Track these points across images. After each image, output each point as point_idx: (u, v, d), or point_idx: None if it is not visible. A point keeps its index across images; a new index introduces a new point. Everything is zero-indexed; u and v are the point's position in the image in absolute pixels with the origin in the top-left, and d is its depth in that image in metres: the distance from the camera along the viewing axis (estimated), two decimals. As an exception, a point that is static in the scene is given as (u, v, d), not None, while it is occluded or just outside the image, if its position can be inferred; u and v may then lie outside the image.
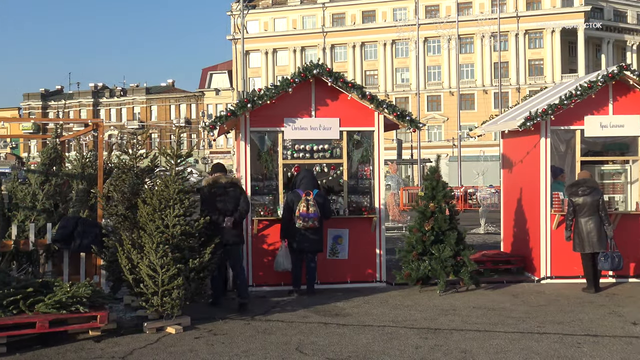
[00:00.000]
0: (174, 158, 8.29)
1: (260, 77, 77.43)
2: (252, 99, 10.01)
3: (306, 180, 9.76)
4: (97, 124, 10.64)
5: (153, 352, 6.83)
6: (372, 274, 10.58)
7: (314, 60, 10.55)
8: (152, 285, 7.50)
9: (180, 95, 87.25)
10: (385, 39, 74.24)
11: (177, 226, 7.81)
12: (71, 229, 8.97)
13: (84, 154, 11.78)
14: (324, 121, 10.46)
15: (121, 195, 8.98)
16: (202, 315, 8.30)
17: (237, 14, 74.01)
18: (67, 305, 7.08)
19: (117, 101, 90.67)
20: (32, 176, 11.34)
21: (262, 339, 7.34)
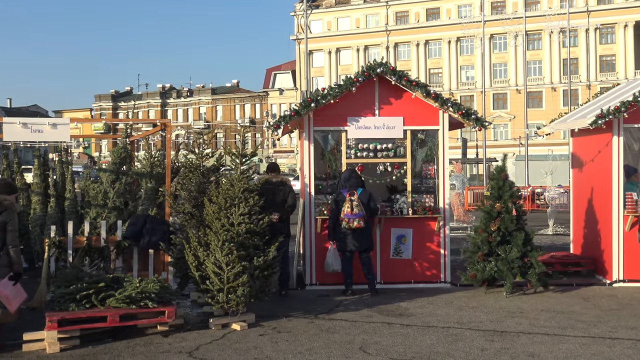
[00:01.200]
0: (238, 157, 8.40)
1: (324, 76, 77.68)
2: (316, 99, 10.05)
3: (350, 180, 9.73)
4: (165, 124, 10.89)
5: (218, 347, 6.94)
6: (437, 275, 10.46)
7: (377, 59, 10.50)
8: (218, 282, 7.63)
9: (244, 96, 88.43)
10: (450, 36, 73.29)
11: (242, 224, 7.91)
12: (140, 227, 9.22)
13: (153, 154, 12.08)
14: (387, 120, 10.40)
15: (188, 194, 9.17)
16: (266, 313, 8.38)
17: (300, 14, 74.50)
18: (136, 300, 7.28)
19: (183, 101, 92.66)
20: (103, 175, 11.71)
21: (326, 337, 7.36)
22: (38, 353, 6.74)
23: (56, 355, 6.68)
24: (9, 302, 6.72)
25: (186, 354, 6.70)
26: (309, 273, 10.30)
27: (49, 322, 6.84)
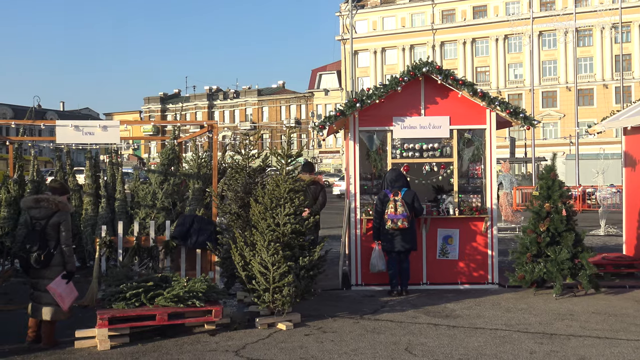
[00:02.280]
0: (284, 158, 8.44)
1: (369, 76, 77.48)
2: (361, 99, 10.04)
3: (394, 180, 9.68)
4: (212, 125, 11.03)
5: (265, 347, 6.99)
6: (484, 276, 10.32)
7: (423, 58, 10.43)
8: (264, 282, 7.68)
9: (290, 96, 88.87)
10: (497, 34, 72.20)
11: (287, 225, 7.95)
12: (188, 227, 9.36)
13: (200, 155, 12.25)
14: (433, 119, 10.32)
15: (234, 194, 9.26)
16: (311, 313, 8.41)
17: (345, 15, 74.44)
18: (184, 299, 7.39)
19: (230, 103, 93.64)
20: (152, 176, 11.93)
21: (371, 338, 7.34)
22: (89, 350, 6.90)
23: (107, 352, 6.83)
24: (62, 300, 6.90)
25: (233, 353, 6.77)
26: (354, 273, 10.29)
27: (100, 320, 7.00)
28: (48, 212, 7.01)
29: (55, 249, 6.99)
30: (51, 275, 6.93)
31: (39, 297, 6.97)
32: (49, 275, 6.94)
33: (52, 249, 6.97)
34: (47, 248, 6.94)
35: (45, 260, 6.93)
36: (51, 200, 7.09)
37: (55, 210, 7.03)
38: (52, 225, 6.99)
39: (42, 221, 7.00)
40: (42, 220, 7.00)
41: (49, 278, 6.91)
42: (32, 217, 7.08)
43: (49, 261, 6.95)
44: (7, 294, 9.85)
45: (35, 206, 7.06)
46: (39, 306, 6.96)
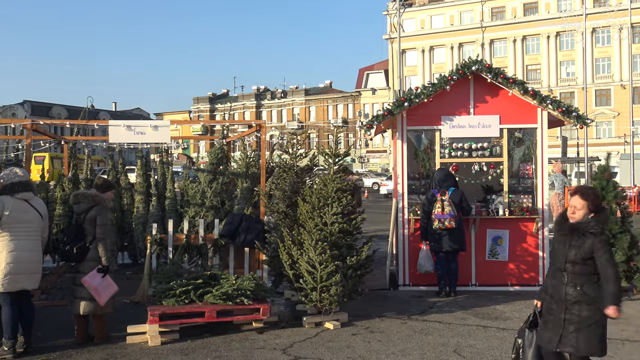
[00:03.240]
0: (332, 157, 8.44)
1: (417, 75, 76.88)
2: (409, 98, 9.97)
3: (442, 180, 9.57)
4: (260, 125, 11.11)
5: (312, 346, 7.01)
6: (535, 278, 10.13)
7: (472, 57, 10.30)
8: (311, 281, 7.70)
9: (337, 96, 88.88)
10: (549, 31, 70.72)
11: (335, 224, 7.95)
12: (236, 225, 9.44)
13: (248, 154, 12.36)
14: (483, 119, 10.17)
15: (282, 193, 9.30)
16: (359, 312, 8.39)
17: (393, 13, 74.05)
18: (232, 297, 7.47)
19: (277, 103, 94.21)
20: (201, 175, 12.08)
21: (419, 339, 7.28)
22: (141, 345, 7.03)
23: (157, 348, 6.95)
24: (97, 294, 6.96)
25: (280, 351, 6.81)
26: (402, 273, 10.22)
27: (151, 316, 7.12)
28: (86, 207, 7.13)
29: (92, 243, 7.07)
30: (86, 269, 7.01)
31: (75, 291, 7.10)
32: (84, 269, 7.03)
33: (87, 243, 7.06)
34: (82, 242, 7.05)
35: (79, 254, 7.04)
36: (88, 194, 7.22)
37: (93, 205, 7.12)
38: (89, 220, 7.08)
39: (81, 215, 7.14)
40: (81, 214, 7.14)
41: (84, 272, 7.02)
42: (74, 212, 7.28)
43: (84, 255, 7.05)
44: (62, 289, 10.11)
45: (75, 201, 7.23)
46: (75, 300, 7.09)
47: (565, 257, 4.90)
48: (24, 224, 6.69)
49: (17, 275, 6.55)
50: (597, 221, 4.88)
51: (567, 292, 4.87)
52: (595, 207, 4.93)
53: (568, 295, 4.87)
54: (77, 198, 7.23)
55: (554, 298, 4.95)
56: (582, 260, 4.85)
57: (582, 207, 4.91)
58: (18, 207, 6.67)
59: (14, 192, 6.70)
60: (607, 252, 4.83)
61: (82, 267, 7.08)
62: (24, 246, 6.65)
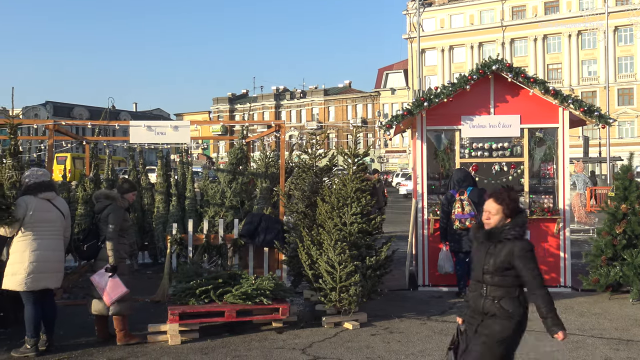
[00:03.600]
0: (351, 157, 8.44)
1: (436, 75, 76.57)
2: (429, 98, 9.93)
3: (461, 180, 9.51)
4: (279, 125, 11.13)
5: (331, 346, 7.01)
6: (556, 278, 10.04)
7: (492, 56, 10.23)
8: (331, 281, 7.70)
9: (356, 96, 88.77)
10: (570, 30, 70.04)
11: (354, 224, 7.94)
12: (256, 225, 9.47)
13: (267, 154, 12.38)
14: (503, 118, 10.10)
15: (301, 194, 9.32)
16: (378, 313, 8.37)
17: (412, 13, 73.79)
18: (252, 296, 7.49)
19: (297, 103, 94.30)
20: (221, 175, 12.14)
21: (439, 339, 7.25)
22: (161, 344, 7.08)
23: (178, 347, 6.99)
24: (105, 294, 6.96)
25: (299, 351, 6.81)
26: (421, 274, 10.19)
27: (171, 315, 7.16)
28: (101, 206, 7.19)
29: (103, 242, 7.07)
30: (97, 268, 7.04)
31: (90, 290, 7.15)
32: (96, 268, 7.09)
33: (99, 242, 7.10)
34: (94, 240, 7.10)
35: (89, 252, 7.12)
36: (103, 194, 7.27)
37: (107, 204, 7.18)
38: (103, 219, 7.13)
39: (98, 215, 7.21)
40: (98, 214, 7.21)
41: (94, 271, 7.08)
42: (94, 212, 7.36)
43: (95, 254, 7.12)
44: (84, 288, 10.19)
45: (94, 201, 7.33)
46: (89, 299, 7.15)
47: (482, 268, 4.47)
48: (46, 224, 6.76)
49: (40, 274, 6.63)
50: (514, 225, 4.45)
51: (484, 305, 4.43)
52: (511, 211, 4.48)
53: (485, 308, 4.42)
54: (95, 197, 7.34)
55: (473, 311, 4.52)
56: (499, 270, 4.39)
57: (497, 212, 4.48)
58: (41, 207, 6.75)
59: (37, 192, 6.78)
60: (529, 261, 4.37)
61: (95, 266, 7.16)
62: (47, 245, 6.72)
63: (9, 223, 6.58)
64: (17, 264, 6.59)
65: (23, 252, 6.60)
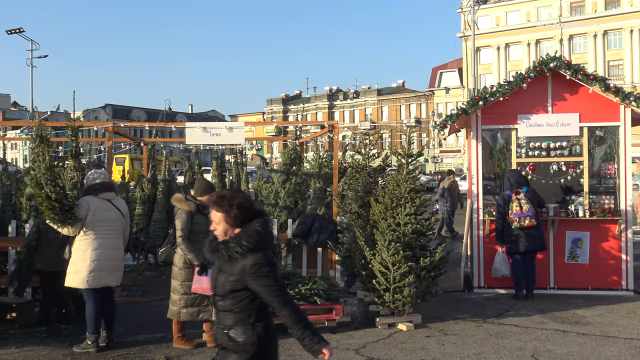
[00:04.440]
0: (405, 157, 8.38)
1: (492, 73, 75.30)
2: (484, 96, 9.78)
3: (513, 180, 9.32)
4: (333, 125, 11.14)
5: (385, 347, 6.97)
6: (617, 282, 9.74)
7: (550, 53, 10.01)
8: (384, 281, 7.66)
9: (410, 95, 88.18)
10: (632, 25, 67.86)
11: (408, 224, 7.89)
12: (309, 225, 9.51)
13: (321, 154, 12.41)
14: (561, 117, 9.86)
15: (355, 194, 9.30)
16: (432, 314, 8.29)
17: (467, 11, 72.82)
18: (306, 296, 7.51)
19: (350, 103, 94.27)
20: (274, 175, 12.24)
21: (495, 342, 7.13)
22: (216, 343, 7.15)
23: (232, 345, 7.04)
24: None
25: (353, 352, 6.80)
26: (477, 275, 10.03)
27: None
28: (175, 211, 7.19)
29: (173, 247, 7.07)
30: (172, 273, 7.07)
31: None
32: (171, 273, 7.09)
33: (172, 245, 7.10)
34: (168, 245, 7.13)
35: (164, 257, 7.13)
36: (174, 198, 7.23)
37: (178, 209, 7.18)
38: (172, 222, 7.17)
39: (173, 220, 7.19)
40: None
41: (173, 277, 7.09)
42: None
43: (168, 258, 7.11)
44: (142, 287, 10.43)
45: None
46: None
47: (214, 289, 3.67)
48: (107, 223, 6.94)
49: (101, 272, 6.80)
50: (242, 236, 3.54)
51: (216, 336, 3.69)
52: (234, 218, 3.57)
53: (217, 340, 3.69)
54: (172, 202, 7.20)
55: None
56: (229, 292, 3.57)
57: (220, 221, 3.61)
58: (101, 207, 6.93)
59: (97, 192, 6.97)
60: (264, 278, 3.50)
61: (172, 271, 7.06)
62: (107, 244, 6.90)
63: (71, 223, 6.77)
64: (79, 263, 6.79)
65: (84, 251, 6.79)
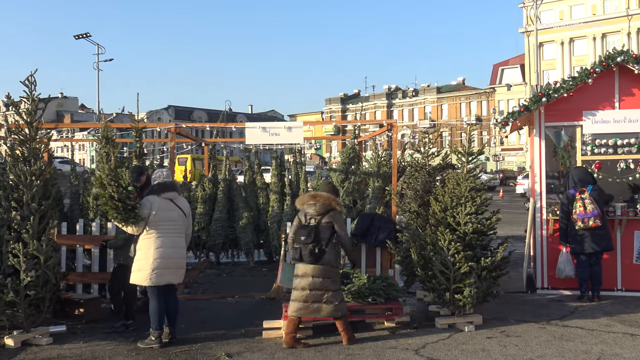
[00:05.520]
0: (465, 156, 8.26)
1: (555, 69, 73.41)
2: (547, 93, 9.54)
3: (580, 178, 9.04)
4: (391, 124, 11.09)
5: (445, 347, 6.89)
6: (690, 284, 9.34)
7: (617, 47, 9.69)
8: (444, 281, 7.57)
9: (470, 93, 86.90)
10: None
11: (468, 224, 7.77)
12: (368, 224, 9.47)
13: (380, 153, 12.36)
14: (629, 113, 9.54)
15: (414, 193, 9.23)
16: (494, 315, 8.14)
17: (529, 6, 71.22)
18: (364, 295, 7.50)
19: (409, 101, 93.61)
20: (333, 174, 12.26)
21: (559, 345, 6.95)
22: (276, 340, 7.23)
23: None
24: None
25: (413, 352, 6.75)
26: (540, 276, 9.80)
27: (286, 312, 7.28)
28: (322, 210, 7.06)
29: (327, 246, 6.96)
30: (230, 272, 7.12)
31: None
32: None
33: (324, 245, 6.94)
34: (319, 243, 6.92)
35: (318, 255, 6.91)
36: (325, 197, 7.16)
37: (329, 210, 7.08)
38: (325, 223, 7.00)
39: (317, 217, 7.05)
40: (318, 216, 7.06)
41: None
42: (305, 213, 7.15)
43: (321, 256, 6.93)
44: (202, 284, 10.62)
45: (310, 202, 7.16)
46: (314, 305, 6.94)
47: None
48: (169, 222, 7.09)
49: (164, 270, 6.96)
50: None
51: None
52: None
53: None
54: (314, 199, 7.16)
55: None
56: None
57: None
58: (164, 206, 7.09)
59: (160, 192, 7.13)
60: None
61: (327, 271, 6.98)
62: (170, 243, 7.05)
63: (134, 222, 6.95)
64: (142, 261, 6.97)
65: (148, 250, 6.96)
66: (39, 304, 7.08)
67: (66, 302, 8.36)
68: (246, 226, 12.42)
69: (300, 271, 6.99)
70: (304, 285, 6.92)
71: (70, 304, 8.37)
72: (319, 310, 6.92)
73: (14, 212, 7.11)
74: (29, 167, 7.24)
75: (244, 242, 12.43)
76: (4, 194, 7.20)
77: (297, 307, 6.92)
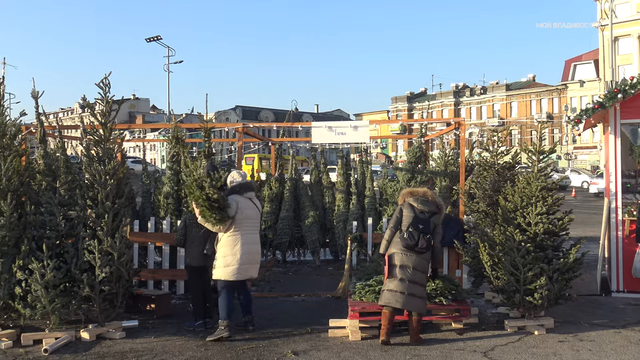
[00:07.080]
0: (536, 154, 8.05)
1: (632, 64, 70.59)
2: (623, 89, 9.20)
3: None
4: (459, 122, 10.91)
5: (514, 350, 6.73)
6: None
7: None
8: (514, 282, 7.40)
9: (541, 90, 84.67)
10: None
11: (539, 224, 7.57)
12: (435, 224, 9.36)
13: (447, 152, 12.20)
14: None
15: (482, 192, 9.06)
16: (566, 319, 7.91)
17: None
18: (431, 296, 7.41)
19: (477, 99, 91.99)
20: (399, 173, 12.18)
21: (636, 351, 6.68)
22: (341, 339, 7.23)
23: (357, 343, 7.10)
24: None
25: (481, 354, 6.63)
26: (615, 278, 9.46)
27: (352, 311, 7.29)
28: (430, 209, 7.18)
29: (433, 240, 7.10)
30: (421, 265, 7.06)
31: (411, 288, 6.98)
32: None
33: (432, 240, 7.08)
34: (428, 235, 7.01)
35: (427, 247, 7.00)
36: (436, 201, 7.30)
37: (436, 212, 7.21)
38: (432, 223, 7.14)
39: (426, 214, 7.15)
40: (426, 213, 7.16)
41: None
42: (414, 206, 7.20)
43: (429, 248, 7.04)
44: (269, 282, 10.73)
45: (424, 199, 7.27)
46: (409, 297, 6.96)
47: None
48: (250, 220, 7.46)
49: (248, 265, 7.36)
50: None
51: None
52: None
53: None
54: (425, 197, 7.28)
55: None
56: None
57: None
58: (246, 205, 7.44)
59: (242, 191, 7.50)
60: None
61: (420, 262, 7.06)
62: (251, 240, 7.43)
63: (223, 221, 7.19)
64: (229, 257, 7.27)
65: (234, 246, 7.27)
66: (112, 299, 7.35)
67: (138, 298, 8.61)
68: (312, 225, 12.49)
69: (398, 261, 6.99)
70: (402, 276, 6.92)
71: (142, 300, 8.61)
72: (411, 303, 6.90)
73: (89, 210, 7.40)
74: (103, 167, 7.50)
75: (310, 241, 12.50)
76: (80, 192, 7.51)
77: (392, 297, 6.90)
